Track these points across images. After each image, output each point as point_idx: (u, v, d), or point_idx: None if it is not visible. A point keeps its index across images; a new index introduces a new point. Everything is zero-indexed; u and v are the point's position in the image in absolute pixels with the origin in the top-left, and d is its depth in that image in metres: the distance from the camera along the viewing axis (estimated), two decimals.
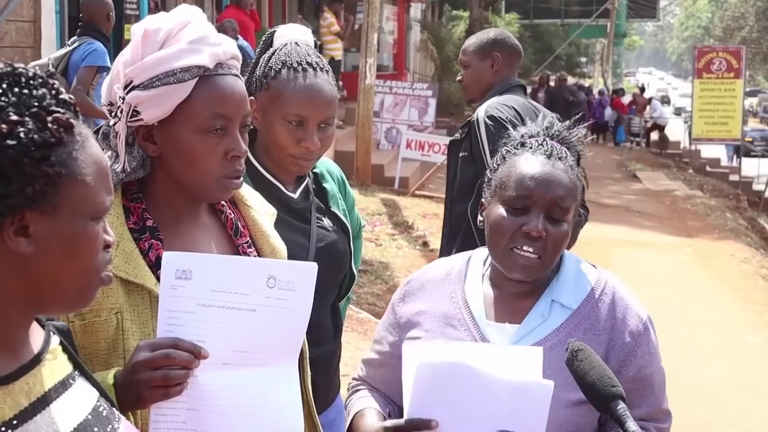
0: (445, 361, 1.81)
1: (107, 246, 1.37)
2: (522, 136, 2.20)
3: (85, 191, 1.31)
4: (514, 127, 4.25)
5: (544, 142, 2.15)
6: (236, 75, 1.89)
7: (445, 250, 4.52)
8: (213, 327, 1.65)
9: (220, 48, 1.85)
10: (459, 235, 4.33)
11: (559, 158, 2.12)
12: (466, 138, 4.32)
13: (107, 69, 6.94)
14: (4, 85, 1.28)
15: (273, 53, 2.57)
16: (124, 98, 1.83)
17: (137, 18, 10.46)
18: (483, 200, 2.19)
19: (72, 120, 1.31)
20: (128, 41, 1.89)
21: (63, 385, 1.37)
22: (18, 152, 1.24)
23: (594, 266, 2.21)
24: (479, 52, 4.44)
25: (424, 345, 1.90)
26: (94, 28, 7.00)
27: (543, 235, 2.05)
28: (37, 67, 1.35)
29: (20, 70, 1.30)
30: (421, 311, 2.20)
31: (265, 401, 1.71)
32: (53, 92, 1.32)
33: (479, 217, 2.19)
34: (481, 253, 2.23)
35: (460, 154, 4.33)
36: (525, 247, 2.05)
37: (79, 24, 7.13)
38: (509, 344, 2.07)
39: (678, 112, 31.37)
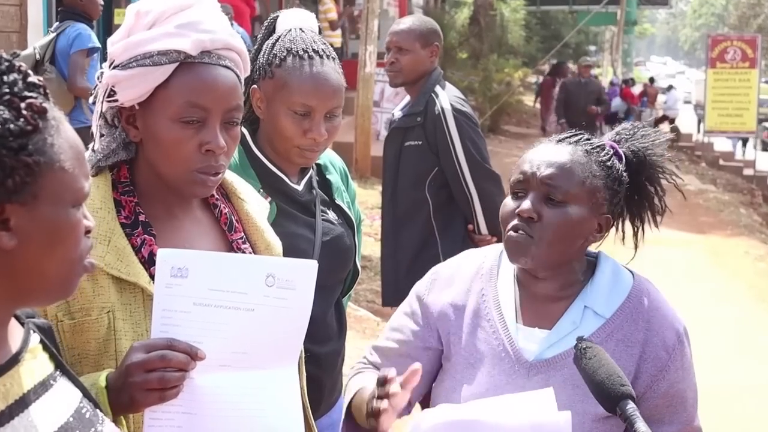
0: (452, 419, 1.78)
1: (88, 231, 1.36)
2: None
3: (64, 178, 1.29)
4: (474, 120, 4.55)
5: (567, 135, 2.15)
6: (227, 66, 1.86)
7: (390, 239, 4.64)
8: (210, 327, 1.64)
9: (207, 35, 1.83)
10: (411, 224, 4.49)
11: (570, 143, 2.11)
12: (418, 127, 4.48)
13: (97, 50, 6.98)
14: None
15: (277, 40, 2.56)
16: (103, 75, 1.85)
17: (127, 2, 10.46)
18: None
19: (45, 104, 1.28)
20: (118, 26, 1.90)
21: (43, 386, 1.35)
22: None
23: (631, 272, 2.18)
24: (421, 40, 4.66)
25: (428, 411, 1.87)
26: (75, 11, 7.02)
27: (533, 216, 2.03)
28: (27, 60, 1.32)
29: None
30: (450, 304, 2.19)
31: (264, 405, 1.70)
32: (22, 75, 1.28)
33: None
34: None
35: (409, 143, 4.54)
36: (519, 230, 2.04)
37: (60, 9, 7.16)
38: (538, 350, 2.06)
39: (669, 87, 31.50)
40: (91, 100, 1.91)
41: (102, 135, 1.90)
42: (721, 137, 22.62)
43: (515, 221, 2.05)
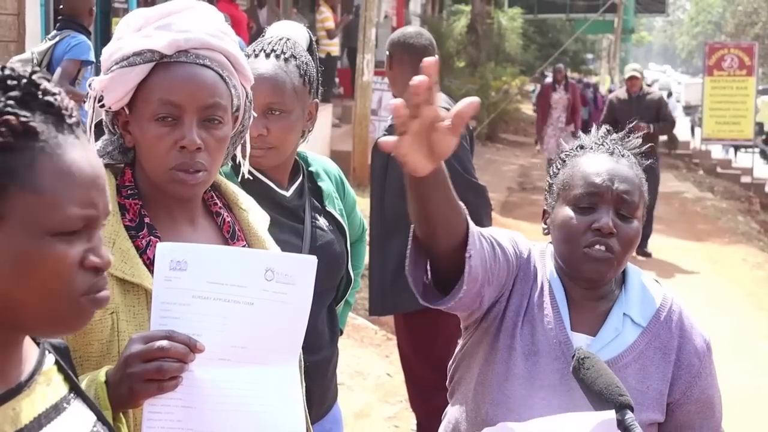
0: None
1: (95, 268, 1.28)
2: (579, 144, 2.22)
3: (40, 204, 1.21)
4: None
5: (604, 143, 2.17)
6: (205, 65, 1.87)
7: (378, 249, 4.63)
8: (209, 320, 1.64)
9: (182, 35, 1.85)
10: (398, 234, 4.48)
11: (622, 155, 2.14)
12: None
13: (91, 63, 7.02)
14: None
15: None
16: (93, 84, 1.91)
17: (125, 11, 10.49)
18: (545, 208, 2.19)
19: (34, 124, 1.22)
20: None
21: (56, 410, 1.33)
22: None
23: (657, 281, 2.22)
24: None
25: (488, 430, 1.85)
26: (76, 21, 7.04)
27: (614, 231, 2.04)
28: (19, 63, 1.31)
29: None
30: (527, 284, 2.16)
31: (264, 400, 1.70)
32: (20, 92, 1.24)
33: (542, 225, 2.19)
34: (545, 250, 2.22)
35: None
36: (597, 246, 2.05)
37: (59, 18, 7.17)
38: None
39: (668, 95, 31.64)
40: (86, 106, 1.96)
41: (97, 140, 1.95)
42: (717, 144, 22.64)
43: (595, 237, 2.05)
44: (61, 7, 7.21)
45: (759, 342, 8.37)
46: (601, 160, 2.12)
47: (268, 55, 2.55)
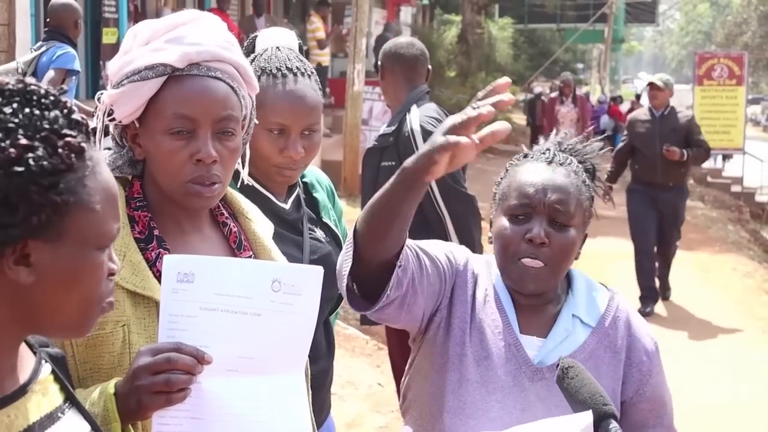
0: None
1: (111, 274, 1.36)
2: (532, 151, 2.24)
3: (92, 220, 1.28)
4: None
5: (547, 151, 2.19)
6: (216, 78, 1.89)
7: None
8: (216, 332, 1.66)
9: (194, 48, 1.87)
10: None
11: (561, 164, 2.15)
12: (391, 147, 4.48)
13: (76, 73, 7.04)
14: (15, 105, 1.24)
15: (253, 60, 2.57)
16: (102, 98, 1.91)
17: (116, 21, 10.47)
18: (491, 217, 2.22)
19: (83, 144, 1.28)
20: (106, 45, 1.94)
21: (50, 419, 1.34)
22: (26, 179, 1.21)
23: (601, 283, 2.26)
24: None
25: None
26: (62, 33, 7.06)
27: (545, 241, 2.07)
28: (10, 73, 1.32)
29: (32, 87, 1.27)
30: (471, 294, 2.18)
31: (271, 411, 1.72)
32: (65, 112, 1.29)
33: (488, 234, 2.21)
34: (490, 260, 2.24)
35: (384, 163, 4.52)
36: (530, 257, 2.07)
37: (45, 29, 7.20)
38: (538, 357, 2.11)
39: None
40: (95, 120, 1.96)
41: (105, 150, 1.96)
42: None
43: (526, 247, 2.08)
44: (48, 20, 7.24)
45: (748, 351, 8.38)
46: (537, 169, 2.14)
47: (295, 75, 2.54)
